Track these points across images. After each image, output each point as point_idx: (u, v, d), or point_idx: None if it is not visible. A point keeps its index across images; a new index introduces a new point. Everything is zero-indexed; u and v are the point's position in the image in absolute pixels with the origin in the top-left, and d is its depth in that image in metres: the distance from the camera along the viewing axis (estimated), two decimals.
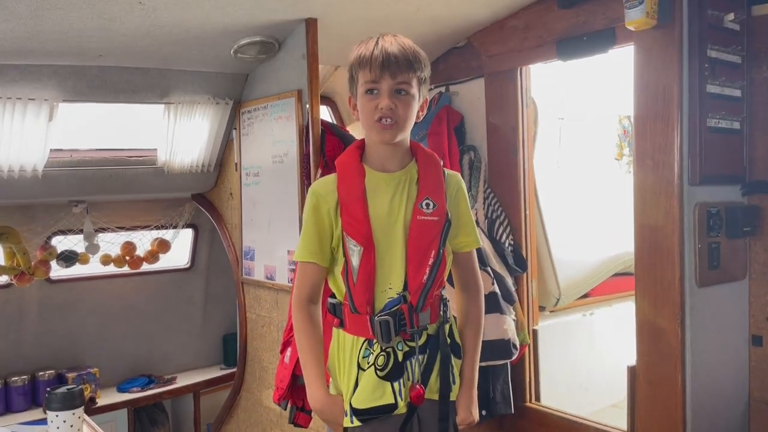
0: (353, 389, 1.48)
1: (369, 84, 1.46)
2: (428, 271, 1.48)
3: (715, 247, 2.19)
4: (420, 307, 1.47)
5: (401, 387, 1.47)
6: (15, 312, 3.18)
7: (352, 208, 1.48)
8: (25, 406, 3.14)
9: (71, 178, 2.82)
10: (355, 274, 1.47)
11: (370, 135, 1.52)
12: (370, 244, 1.46)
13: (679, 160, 2.10)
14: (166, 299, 3.69)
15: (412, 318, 1.47)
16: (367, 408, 1.47)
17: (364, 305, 1.47)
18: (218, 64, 2.73)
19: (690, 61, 2.09)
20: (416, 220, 1.48)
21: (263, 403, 2.87)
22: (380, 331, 1.46)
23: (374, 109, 1.46)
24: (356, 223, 1.47)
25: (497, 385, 2.76)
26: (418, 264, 1.47)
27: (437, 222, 1.49)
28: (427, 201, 1.50)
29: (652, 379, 2.20)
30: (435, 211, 1.50)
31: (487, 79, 2.90)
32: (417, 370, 1.49)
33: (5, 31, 2.10)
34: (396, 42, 1.49)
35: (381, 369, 1.47)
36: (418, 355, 1.49)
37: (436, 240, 1.48)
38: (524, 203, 2.84)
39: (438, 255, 1.49)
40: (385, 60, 1.44)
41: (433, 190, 1.52)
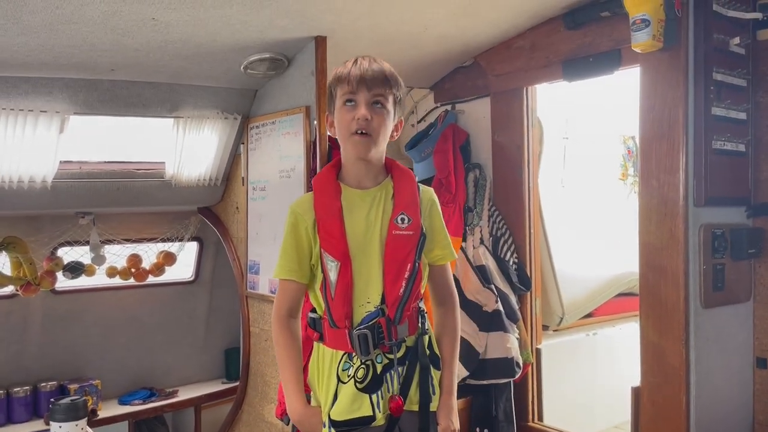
0: (332, 401, 1.52)
1: (347, 95, 1.52)
2: (404, 284, 1.52)
3: (720, 269, 2.19)
4: (397, 319, 1.51)
5: (379, 399, 1.50)
6: (19, 322, 3.19)
7: (328, 225, 1.53)
8: (26, 417, 3.13)
9: (79, 190, 2.84)
10: (333, 288, 1.51)
11: (346, 149, 1.56)
12: (346, 259, 1.51)
13: (684, 181, 2.11)
14: (169, 312, 3.69)
15: (390, 330, 1.50)
16: (345, 420, 1.50)
17: (343, 319, 1.51)
18: (228, 79, 2.76)
19: (696, 83, 2.11)
20: (392, 234, 1.53)
21: (265, 418, 2.86)
22: (359, 345, 1.49)
23: (351, 120, 1.51)
24: (332, 239, 1.52)
25: (500, 404, 2.76)
26: (394, 277, 1.51)
27: (412, 236, 1.54)
28: (402, 216, 1.54)
29: (656, 400, 2.20)
30: (410, 225, 1.54)
31: (493, 98, 2.92)
32: (396, 382, 1.52)
33: (20, 44, 2.13)
34: (374, 62, 1.55)
35: (360, 381, 1.50)
36: (397, 367, 1.52)
37: (412, 253, 1.53)
38: (529, 222, 2.85)
39: (414, 268, 1.53)
40: (363, 74, 1.51)
41: (408, 205, 1.56)
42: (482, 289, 2.75)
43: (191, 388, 3.68)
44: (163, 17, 2.08)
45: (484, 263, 2.80)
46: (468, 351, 2.69)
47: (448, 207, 2.82)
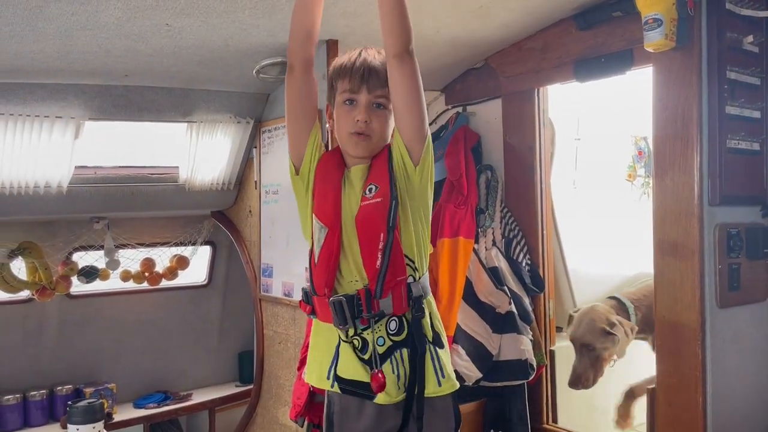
0: (334, 356, 1.49)
1: (347, 94, 1.51)
2: (380, 256, 1.46)
3: (736, 269, 2.18)
4: (378, 293, 1.46)
5: (378, 365, 1.47)
6: (35, 326, 3.22)
7: (324, 190, 1.52)
8: (42, 420, 3.16)
9: (94, 195, 2.87)
10: (317, 255, 1.49)
11: (344, 147, 1.56)
12: (335, 227, 1.48)
13: (698, 180, 2.10)
14: (183, 315, 3.72)
15: (369, 303, 1.45)
16: (350, 379, 1.48)
17: (323, 287, 1.48)
18: (240, 83, 2.77)
19: (709, 82, 2.10)
20: (361, 207, 1.49)
21: (279, 420, 2.87)
22: (335, 312, 1.46)
23: (351, 121, 1.50)
24: (325, 204, 1.50)
25: (514, 406, 2.75)
26: (369, 250, 1.47)
27: (380, 203, 1.47)
28: (370, 186, 1.50)
29: (673, 402, 2.18)
30: (377, 192, 1.48)
31: (505, 100, 2.92)
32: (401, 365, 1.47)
33: (35, 51, 2.16)
34: (379, 56, 1.52)
35: (360, 351, 1.48)
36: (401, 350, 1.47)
37: (382, 222, 1.46)
38: (541, 223, 2.85)
39: (388, 237, 1.46)
40: (366, 72, 1.49)
41: (377, 173, 1.51)
42: (495, 291, 2.74)
43: (205, 391, 3.70)
44: (177, 23, 2.10)
45: (496, 265, 2.79)
46: (481, 353, 2.68)
47: (460, 209, 2.82)
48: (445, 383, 1.53)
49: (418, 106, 1.49)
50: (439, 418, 1.53)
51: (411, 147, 1.50)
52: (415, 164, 1.50)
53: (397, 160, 1.51)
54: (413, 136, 1.49)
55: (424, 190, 1.53)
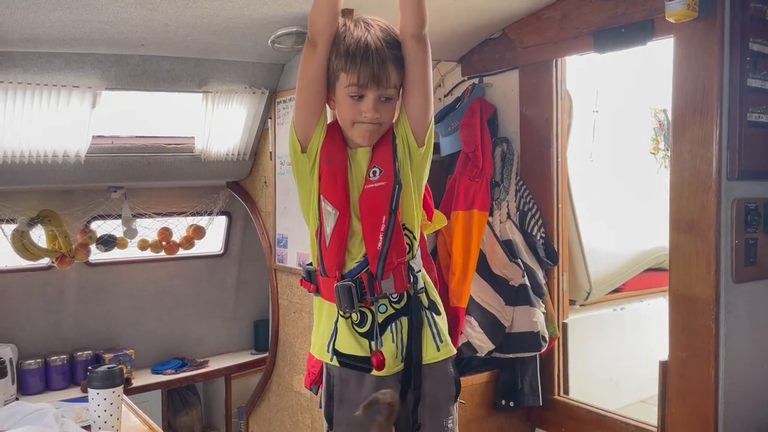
0: (333, 331, 1.53)
1: (353, 89, 1.44)
2: (382, 238, 1.47)
3: (753, 244, 2.16)
4: (380, 275, 1.48)
5: (377, 346, 1.50)
6: (55, 293, 3.29)
7: (333, 171, 1.49)
8: (63, 384, 3.24)
9: (112, 164, 2.89)
10: (328, 238, 1.49)
11: (350, 134, 1.51)
12: (346, 211, 1.48)
13: (717, 154, 2.07)
14: (199, 284, 3.77)
15: (372, 286, 1.48)
16: (347, 354, 1.51)
17: (334, 269, 1.50)
18: (255, 54, 2.76)
19: (731, 54, 2.06)
20: (365, 189, 1.50)
21: (294, 388, 2.92)
22: (342, 298, 1.48)
23: (357, 113, 1.46)
24: (336, 186, 1.48)
25: (526, 377, 2.77)
26: (371, 232, 1.48)
27: (385, 187, 1.48)
28: (374, 169, 1.50)
29: (685, 375, 2.19)
30: (381, 176, 1.49)
31: (522, 71, 2.89)
32: (400, 333, 1.51)
33: (52, 20, 2.16)
34: (387, 37, 1.45)
35: (358, 325, 1.51)
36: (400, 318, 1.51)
37: (385, 206, 1.47)
38: (557, 196, 2.83)
39: (390, 221, 1.47)
40: (378, 69, 1.42)
41: (381, 156, 1.51)
42: (509, 264, 2.75)
43: (221, 358, 3.77)
44: None
45: (510, 238, 2.79)
46: (494, 324, 2.70)
47: (475, 181, 2.81)
48: (444, 348, 1.57)
49: (428, 88, 1.49)
50: (438, 384, 1.56)
51: (416, 129, 1.50)
52: (420, 145, 1.51)
53: (402, 140, 1.51)
54: (420, 118, 1.50)
55: (423, 166, 1.56)
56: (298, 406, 2.89)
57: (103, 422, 1.63)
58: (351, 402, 1.52)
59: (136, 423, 1.78)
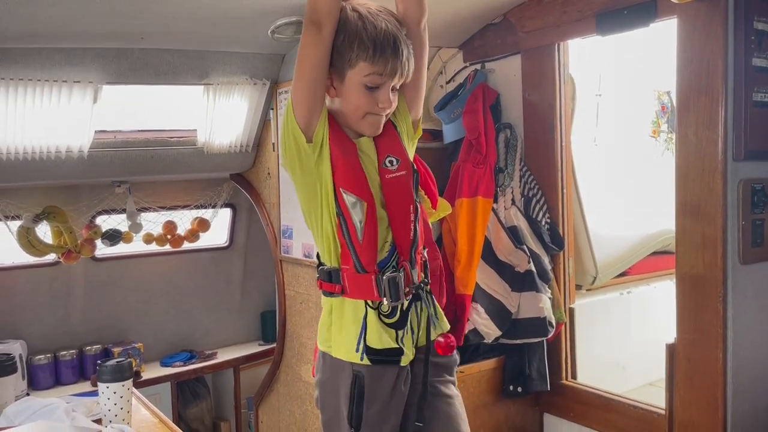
0: (362, 328, 1.47)
1: (375, 78, 1.41)
2: (413, 228, 1.48)
3: (759, 224, 2.15)
4: (413, 263, 1.48)
5: (404, 335, 1.49)
6: (63, 289, 3.30)
7: (350, 161, 1.45)
8: (73, 379, 3.27)
9: (115, 159, 2.89)
10: (360, 231, 1.43)
11: (355, 125, 1.48)
12: (372, 200, 1.44)
13: (723, 135, 2.05)
14: (205, 277, 3.78)
15: (412, 275, 1.48)
16: (380, 349, 1.47)
17: (372, 263, 1.45)
18: (256, 44, 2.75)
19: (735, 33, 2.03)
20: (386, 179, 1.47)
21: (302, 378, 2.94)
22: (389, 290, 1.45)
23: (371, 103, 1.43)
24: (356, 176, 1.44)
25: (533, 363, 2.78)
26: (401, 222, 1.47)
27: (406, 176, 1.49)
28: (390, 158, 1.48)
29: (692, 357, 2.19)
30: (400, 165, 1.49)
31: (524, 56, 2.87)
32: (420, 318, 1.52)
33: (52, 15, 2.15)
34: (401, 31, 1.43)
35: (386, 316, 1.48)
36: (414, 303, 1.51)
37: (410, 194, 1.49)
38: (561, 181, 2.82)
39: (416, 208, 1.49)
40: (403, 64, 1.42)
41: (391, 146, 1.50)
42: (514, 250, 2.74)
43: (229, 350, 3.79)
44: None
45: (515, 224, 2.79)
46: (500, 311, 2.70)
47: (478, 168, 2.80)
48: (439, 325, 1.59)
49: (425, 77, 1.54)
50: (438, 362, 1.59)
51: (414, 116, 1.55)
52: (415, 133, 1.57)
53: (403, 130, 1.53)
54: (417, 104, 1.55)
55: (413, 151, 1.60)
56: (307, 395, 2.91)
57: (113, 416, 1.64)
58: (380, 398, 1.50)
59: (146, 416, 1.79)
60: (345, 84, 1.43)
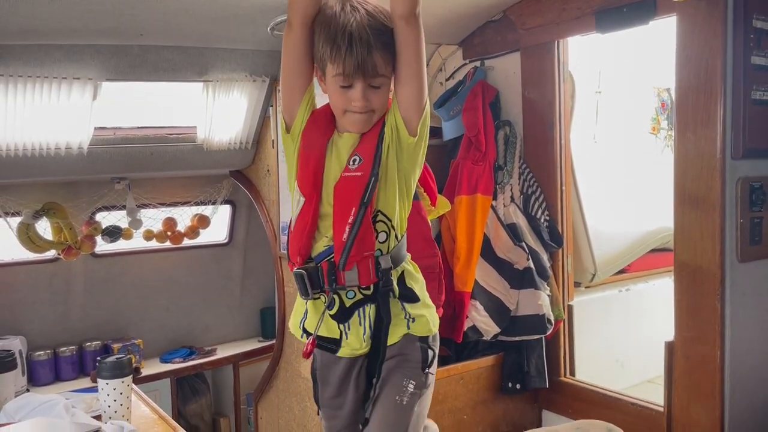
0: (305, 312, 1.54)
1: (340, 79, 1.38)
2: (348, 230, 1.41)
3: (758, 222, 2.16)
4: (342, 265, 1.43)
5: (346, 330, 1.48)
6: (63, 285, 3.31)
7: (306, 157, 1.46)
8: (73, 375, 3.27)
9: (114, 155, 2.89)
10: (293, 223, 1.49)
11: (341, 122, 1.46)
12: (312, 197, 1.45)
13: (721, 133, 2.06)
14: (205, 273, 3.79)
15: (332, 276, 1.44)
16: (318, 335, 1.50)
17: (295, 255, 1.48)
18: (255, 41, 2.75)
19: (734, 32, 2.03)
20: (341, 177, 1.44)
21: (301, 374, 2.94)
22: (298, 284, 1.47)
23: (347, 101, 1.40)
24: (306, 171, 1.46)
25: (532, 360, 2.79)
26: (340, 221, 1.43)
27: (360, 177, 1.41)
28: (355, 157, 1.44)
29: (690, 355, 2.20)
30: (360, 165, 1.42)
31: (524, 53, 2.86)
32: (367, 320, 1.48)
33: (51, 11, 2.15)
34: (368, 27, 1.36)
35: (327, 308, 1.49)
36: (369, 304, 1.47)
37: (357, 197, 1.41)
38: (560, 178, 2.82)
39: (359, 214, 1.40)
40: (362, 60, 1.35)
41: (365, 145, 1.44)
42: (513, 247, 2.75)
43: (229, 346, 3.80)
44: None
45: (514, 221, 2.79)
46: (499, 308, 2.71)
47: (478, 165, 2.80)
48: (413, 326, 1.51)
49: (420, 73, 1.41)
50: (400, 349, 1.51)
51: (408, 117, 1.43)
52: (411, 134, 1.43)
53: (390, 130, 1.43)
54: (412, 105, 1.42)
55: (415, 157, 1.48)
56: (306, 392, 2.91)
57: (113, 412, 1.65)
58: (330, 384, 1.56)
59: (145, 412, 1.80)
60: (326, 82, 1.44)
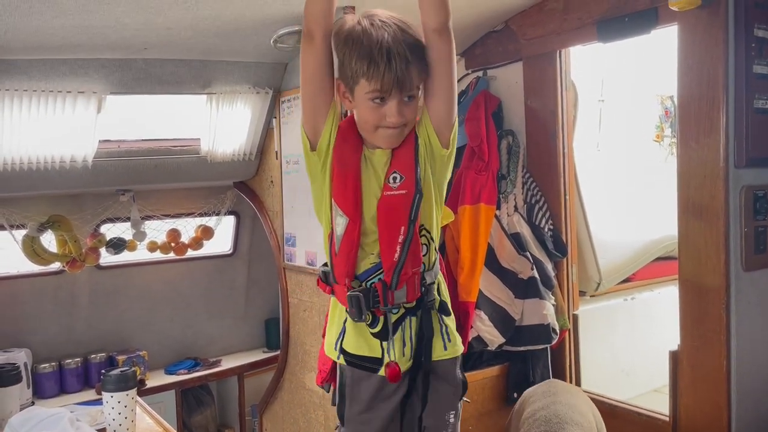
0: (342, 331, 1.51)
1: (375, 94, 1.38)
2: (399, 249, 1.43)
3: (762, 231, 2.15)
4: (394, 284, 1.44)
5: (390, 347, 1.47)
6: (67, 297, 3.31)
7: (343, 176, 1.44)
8: (78, 387, 3.28)
9: (119, 168, 2.91)
10: (338, 245, 1.45)
11: (371, 138, 1.46)
12: (356, 217, 1.43)
13: (724, 142, 2.06)
14: (209, 284, 3.79)
15: (386, 296, 1.44)
16: (353, 353, 1.50)
17: (343, 276, 1.47)
18: (258, 54, 2.77)
19: (736, 41, 2.04)
20: (384, 196, 1.44)
21: (306, 386, 2.94)
22: (352, 306, 1.45)
23: (380, 117, 1.40)
24: (346, 191, 1.44)
25: (537, 370, 2.77)
26: (388, 242, 1.44)
27: (405, 195, 1.42)
28: (395, 174, 1.44)
29: (696, 364, 2.18)
30: (402, 183, 1.43)
31: (526, 63, 2.87)
32: (409, 332, 1.48)
33: (55, 27, 2.17)
34: (403, 42, 1.37)
35: (370, 326, 1.48)
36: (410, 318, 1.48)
37: (405, 216, 1.42)
38: (564, 188, 2.82)
39: (409, 231, 1.42)
40: (401, 75, 1.35)
41: (403, 161, 1.44)
42: (517, 257, 2.74)
43: (234, 357, 3.80)
44: None
45: (518, 231, 2.79)
46: (504, 318, 2.70)
47: (481, 175, 2.80)
48: (450, 347, 1.54)
49: (452, 87, 1.43)
50: (442, 380, 1.54)
51: (440, 130, 1.44)
52: (444, 147, 1.45)
53: (424, 143, 1.45)
54: (444, 118, 1.44)
55: (446, 168, 1.50)
56: (311, 403, 2.91)
57: (117, 425, 1.65)
58: (360, 400, 1.52)
59: (150, 424, 1.80)
60: (355, 98, 1.43)
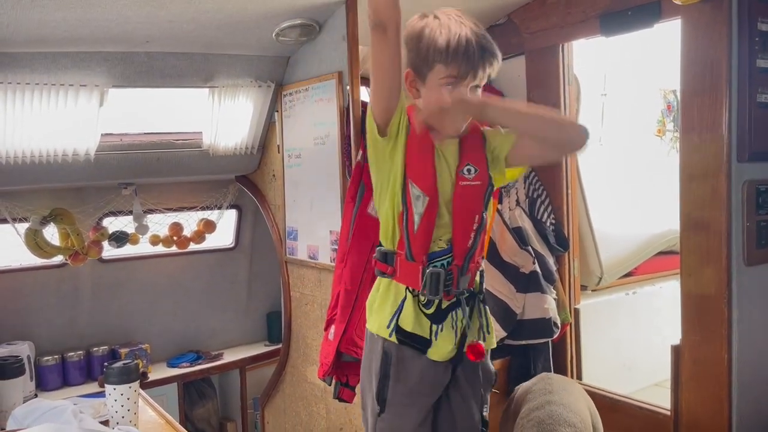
0: (398, 309, 1.57)
1: (450, 78, 1.49)
2: (473, 236, 1.54)
3: (764, 225, 2.15)
4: (465, 270, 1.55)
5: (439, 330, 1.55)
6: (70, 290, 3.32)
7: (422, 156, 1.53)
8: (81, 380, 3.28)
9: (121, 161, 2.91)
10: (416, 223, 1.52)
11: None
12: (435, 197, 1.52)
13: (727, 136, 2.05)
14: (211, 278, 3.80)
15: (459, 279, 1.54)
16: (409, 332, 1.55)
17: (421, 254, 1.54)
18: (260, 47, 2.76)
19: (739, 35, 2.03)
20: (459, 185, 1.54)
21: (308, 379, 2.95)
22: (429, 283, 1.52)
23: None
24: (426, 172, 1.52)
25: (539, 364, 2.78)
26: (463, 228, 1.54)
27: (479, 186, 1.55)
28: (469, 167, 1.55)
29: (697, 359, 2.19)
30: (477, 175, 1.55)
31: (528, 57, 2.87)
32: (460, 320, 1.56)
33: (57, 19, 2.17)
34: (482, 35, 1.52)
35: (425, 306, 1.55)
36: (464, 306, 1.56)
37: (479, 205, 1.55)
38: (566, 182, 2.82)
39: (482, 219, 1.55)
40: (476, 65, 1.48)
41: (474, 155, 1.57)
42: (519, 251, 2.75)
43: (236, 350, 3.80)
44: None
45: (520, 225, 2.79)
46: (505, 312, 2.70)
47: None
48: (489, 339, 1.64)
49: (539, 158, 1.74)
50: (479, 374, 1.65)
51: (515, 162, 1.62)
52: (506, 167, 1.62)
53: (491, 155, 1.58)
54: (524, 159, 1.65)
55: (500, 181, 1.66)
56: (313, 396, 2.92)
57: (120, 417, 1.65)
58: (405, 381, 1.58)
59: (153, 417, 1.81)
60: (426, 83, 1.53)
